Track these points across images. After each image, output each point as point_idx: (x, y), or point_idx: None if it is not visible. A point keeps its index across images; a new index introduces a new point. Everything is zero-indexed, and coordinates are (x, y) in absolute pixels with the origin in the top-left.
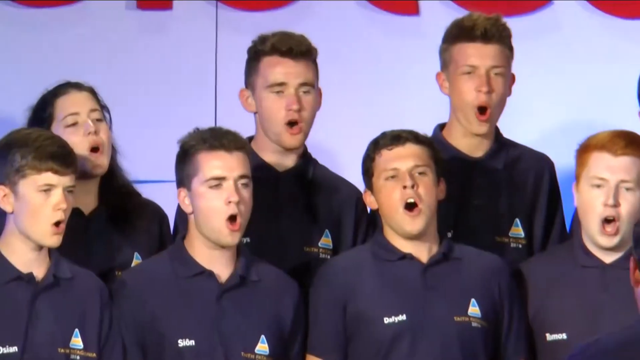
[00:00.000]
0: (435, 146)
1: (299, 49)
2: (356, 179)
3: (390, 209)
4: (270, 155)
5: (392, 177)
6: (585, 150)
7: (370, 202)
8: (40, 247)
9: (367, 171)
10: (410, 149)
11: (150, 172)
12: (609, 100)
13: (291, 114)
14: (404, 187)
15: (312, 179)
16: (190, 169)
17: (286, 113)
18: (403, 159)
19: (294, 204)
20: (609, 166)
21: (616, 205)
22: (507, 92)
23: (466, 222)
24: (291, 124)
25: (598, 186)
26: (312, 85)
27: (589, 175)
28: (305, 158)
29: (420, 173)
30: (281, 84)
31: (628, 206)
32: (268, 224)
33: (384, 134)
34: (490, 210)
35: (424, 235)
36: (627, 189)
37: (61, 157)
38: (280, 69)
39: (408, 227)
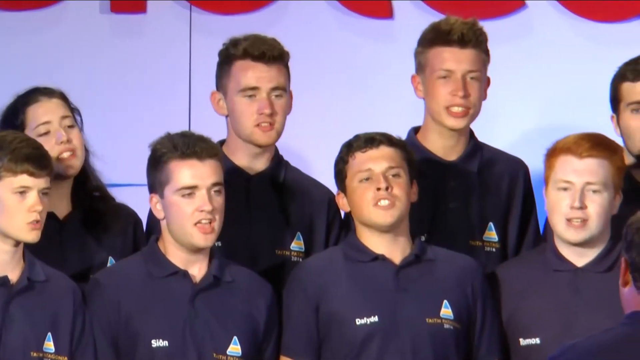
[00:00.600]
0: (409, 148)
1: (271, 53)
2: (329, 182)
3: (363, 209)
4: (242, 159)
5: (366, 179)
6: (551, 154)
7: (343, 205)
8: (16, 244)
9: (340, 173)
10: (384, 151)
11: (124, 176)
12: (582, 103)
13: (263, 117)
14: (378, 189)
15: (283, 182)
16: (162, 177)
17: (258, 117)
18: (377, 161)
19: (266, 207)
20: (574, 169)
21: (582, 207)
22: (483, 95)
23: (440, 225)
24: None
25: (564, 189)
26: (284, 89)
27: (555, 179)
28: (277, 161)
29: (394, 175)
30: (253, 88)
31: (596, 208)
32: (240, 228)
33: (357, 137)
34: (464, 214)
35: (397, 235)
36: (594, 191)
37: (37, 159)
38: (253, 73)
39: (380, 219)
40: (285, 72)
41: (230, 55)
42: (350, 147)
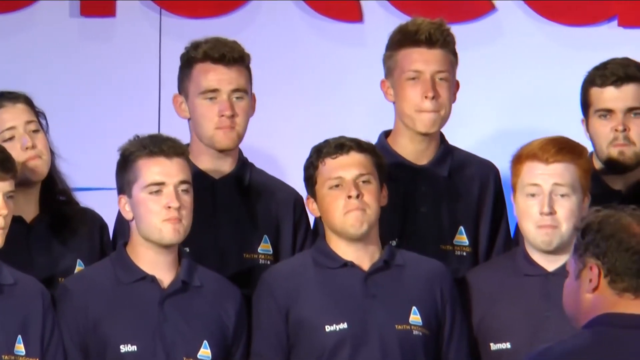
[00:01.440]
0: (378, 152)
1: (231, 55)
2: (298, 184)
3: (334, 216)
4: (206, 163)
5: (336, 185)
6: (518, 160)
7: (313, 210)
8: None
9: (310, 179)
10: (354, 157)
11: (93, 180)
12: (552, 107)
13: (224, 119)
14: (349, 196)
15: (249, 185)
16: (130, 176)
17: (219, 119)
18: (347, 167)
19: (232, 210)
20: (541, 174)
21: (552, 212)
22: (453, 98)
23: (411, 230)
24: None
25: (533, 195)
26: (245, 91)
27: (523, 185)
28: (241, 163)
29: (364, 181)
30: (214, 91)
31: (565, 212)
32: (206, 233)
33: (326, 142)
34: (434, 218)
35: (367, 242)
36: (562, 195)
37: (0, 162)
38: (213, 76)
39: (352, 229)
40: (246, 73)
41: (191, 58)
42: (319, 153)
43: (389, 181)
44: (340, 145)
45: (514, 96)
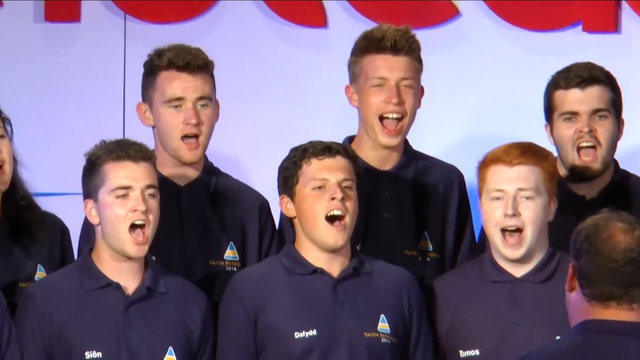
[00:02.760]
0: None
1: (195, 63)
2: (262, 188)
3: (313, 219)
4: (170, 170)
5: (320, 187)
6: (483, 165)
7: (288, 210)
8: None
9: (290, 178)
10: (340, 161)
11: (58, 185)
12: (516, 112)
13: (189, 128)
14: (332, 198)
15: (214, 190)
16: (97, 180)
17: (184, 127)
18: (333, 170)
19: (197, 217)
20: (505, 177)
21: (516, 214)
22: (417, 104)
23: (375, 235)
24: (189, 137)
25: (497, 198)
26: (210, 99)
27: (488, 189)
28: (206, 169)
29: (347, 187)
30: (179, 99)
31: (530, 214)
32: (172, 240)
33: (312, 143)
34: (398, 224)
35: (339, 250)
36: (527, 198)
37: None
38: (178, 84)
39: (331, 240)
40: (210, 81)
41: (155, 66)
42: (305, 153)
43: None
44: (328, 148)
45: (477, 102)
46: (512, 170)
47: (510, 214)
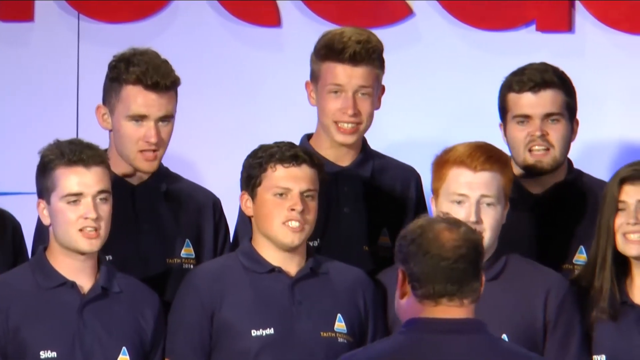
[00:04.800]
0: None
1: (164, 83)
2: (215, 187)
3: (270, 223)
4: (124, 169)
5: (281, 194)
6: (443, 164)
7: (247, 208)
8: None
9: (253, 178)
10: (305, 171)
11: (9, 184)
12: (469, 112)
13: (148, 145)
14: (292, 209)
15: (167, 189)
16: (48, 183)
17: (143, 144)
18: (298, 180)
19: (153, 216)
20: (469, 182)
21: (478, 222)
22: (376, 106)
23: (334, 231)
24: (147, 150)
25: (459, 202)
26: (171, 116)
27: (448, 192)
28: (159, 169)
29: (308, 196)
30: (142, 116)
31: (490, 221)
32: (128, 239)
33: (279, 148)
34: (357, 219)
35: (296, 249)
36: (488, 204)
37: None
38: (143, 101)
39: (287, 239)
40: (174, 98)
41: (122, 77)
42: (272, 157)
43: None
44: (295, 156)
45: (431, 101)
46: (475, 176)
47: (472, 220)
